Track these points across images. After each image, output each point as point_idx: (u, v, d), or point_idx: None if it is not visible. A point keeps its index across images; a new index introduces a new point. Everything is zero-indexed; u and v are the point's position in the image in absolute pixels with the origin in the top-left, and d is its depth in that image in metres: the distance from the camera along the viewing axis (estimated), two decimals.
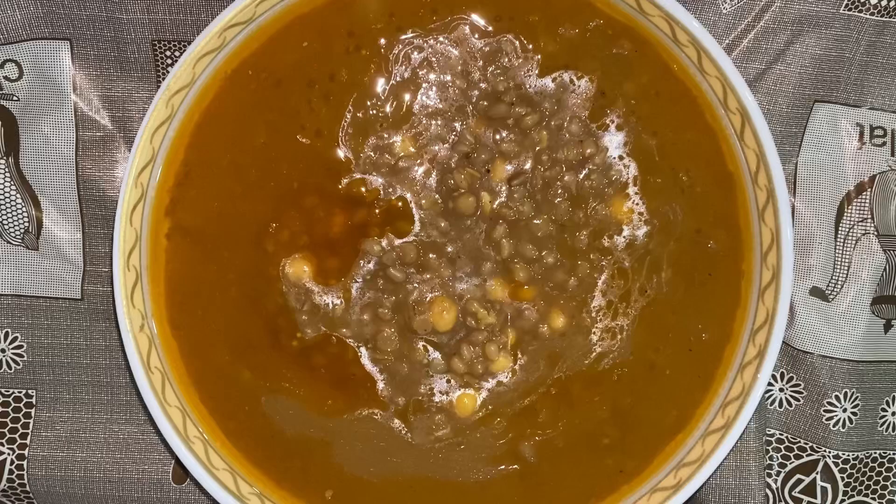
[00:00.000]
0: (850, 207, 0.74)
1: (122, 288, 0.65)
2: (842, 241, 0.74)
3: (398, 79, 0.65)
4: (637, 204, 0.67)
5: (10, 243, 0.75)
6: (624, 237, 0.67)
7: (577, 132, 0.66)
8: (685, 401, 0.68)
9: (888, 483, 0.75)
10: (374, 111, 0.66)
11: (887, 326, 0.74)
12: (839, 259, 0.74)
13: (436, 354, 0.66)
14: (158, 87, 0.69)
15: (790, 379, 0.76)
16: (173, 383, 0.68)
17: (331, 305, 0.66)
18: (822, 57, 0.74)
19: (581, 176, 0.66)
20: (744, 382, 0.66)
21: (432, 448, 0.66)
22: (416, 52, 0.64)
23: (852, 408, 0.75)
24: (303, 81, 0.66)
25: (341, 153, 0.66)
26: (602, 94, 0.66)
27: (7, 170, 0.74)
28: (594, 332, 0.67)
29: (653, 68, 0.66)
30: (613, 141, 0.66)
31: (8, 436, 0.75)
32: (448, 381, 0.67)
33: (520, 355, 0.67)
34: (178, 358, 0.68)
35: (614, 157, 0.67)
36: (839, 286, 0.74)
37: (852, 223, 0.74)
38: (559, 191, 0.66)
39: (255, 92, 0.66)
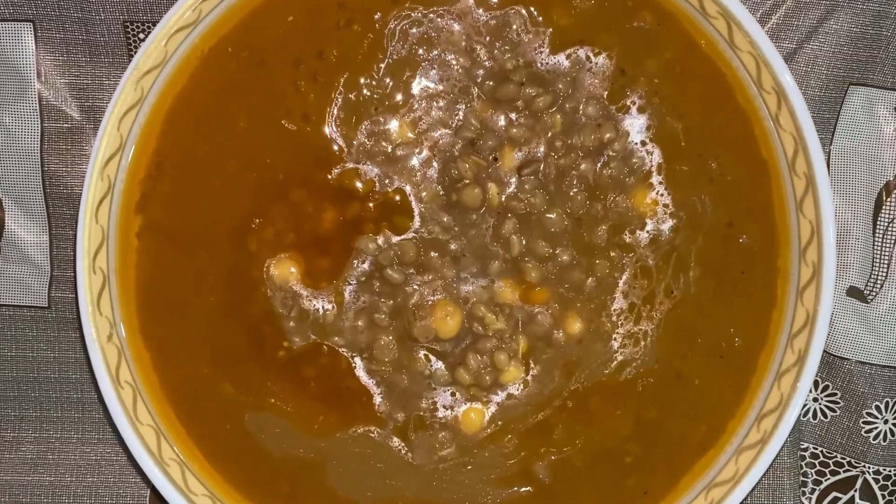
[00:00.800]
0: (889, 199, 0.72)
1: (87, 293, 0.62)
2: (881, 236, 0.72)
3: (394, 57, 0.62)
4: (661, 195, 0.63)
5: None
6: (647, 232, 0.64)
7: (595, 115, 0.62)
8: (716, 413, 0.64)
9: None
10: (368, 93, 0.63)
11: None
12: (878, 256, 0.72)
13: (439, 364, 0.63)
14: None
15: (825, 388, 0.74)
16: (146, 399, 0.64)
17: (321, 311, 0.63)
18: (858, 35, 0.71)
19: (599, 164, 0.63)
20: (781, 393, 0.63)
21: (436, 469, 0.64)
22: (414, 27, 0.62)
23: (894, 419, 0.73)
24: (288, 60, 0.63)
25: (331, 140, 0.63)
26: (622, 73, 0.63)
27: None
28: (615, 339, 0.64)
29: (678, 43, 0.63)
30: (635, 125, 0.63)
31: None
32: (453, 395, 0.64)
33: (532, 365, 0.64)
34: (151, 371, 0.65)
35: (636, 143, 0.63)
36: (878, 285, 0.72)
37: (892, 216, 0.72)
38: (575, 181, 0.63)
39: (235, 73, 0.63)
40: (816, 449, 0.74)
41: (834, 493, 0.73)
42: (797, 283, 0.63)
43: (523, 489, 0.64)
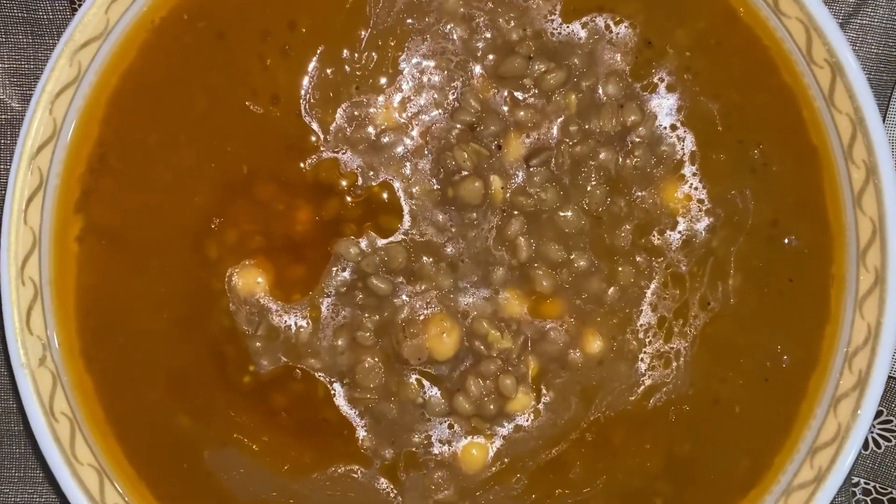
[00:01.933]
0: None
1: (13, 308, 0.59)
2: None
3: (379, 27, 0.60)
4: (695, 188, 0.61)
5: None
6: (679, 232, 0.61)
7: (616, 94, 0.60)
8: (761, 447, 0.62)
9: None
10: (348, 69, 0.60)
11: None
12: None
13: (434, 391, 0.61)
14: None
15: (879, 413, 0.73)
16: (87, 434, 0.61)
17: (294, 328, 0.61)
18: None
19: (621, 152, 0.60)
20: (839, 422, 0.60)
21: None
22: None
23: None
24: (253, 31, 0.60)
25: (305, 126, 0.60)
26: (648, 45, 0.60)
27: None
28: (642, 359, 0.62)
29: (712, 11, 0.60)
30: (663, 106, 0.60)
31: None
32: (450, 427, 0.61)
33: (544, 391, 0.62)
34: (94, 400, 0.62)
35: (664, 128, 0.61)
36: None
37: None
38: (593, 172, 0.60)
39: (190, 46, 0.61)
40: (869, 484, 0.73)
41: None
42: (855, 293, 0.60)
43: None
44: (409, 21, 0.60)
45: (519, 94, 0.60)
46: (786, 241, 0.61)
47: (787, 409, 0.61)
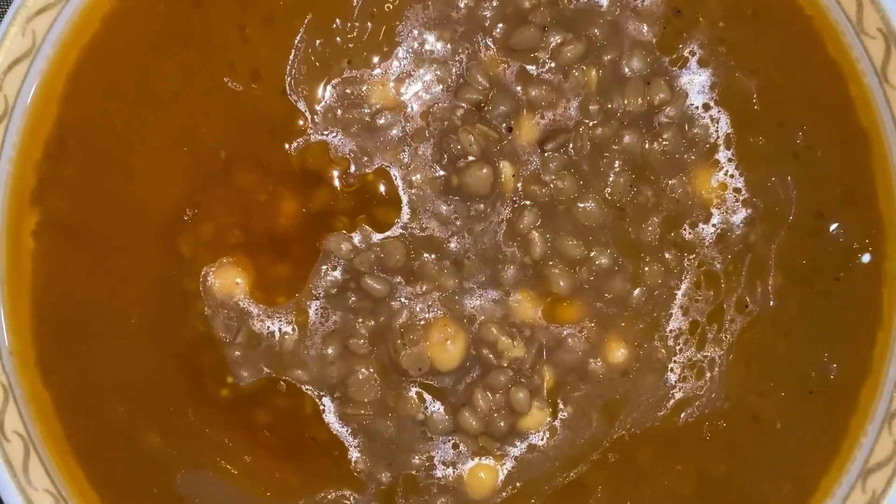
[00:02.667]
0: None
1: None
2: None
3: None
4: (731, 176, 0.59)
5: None
6: (713, 226, 0.59)
7: (642, 69, 0.57)
8: (805, 467, 0.60)
9: None
10: (339, 40, 0.58)
11: None
12: None
13: (436, 406, 0.60)
14: None
15: None
16: (43, 456, 0.59)
17: (277, 335, 0.59)
18: None
19: (648, 135, 0.58)
20: (895, 439, 0.58)
21: None
22: None
23: None
24: None
25: (290, 105, 0.58)
26: (677, 14, 0.58)
27: None
28: (671, 369, 0.60)
29: None
30: (694, 83, 0.58)
31: None
32: (455, 447, 0.60)
33: (561, 405, 0.60)
34: (53, 416, 0.59)
35: (696, 107, 0.58)
36: None
37: None
38: (616, 158, 0.58)
39: (162, 16, 0.59)
40: None
41: None
42: None
43: None
44: None
45: (532, 69, 0.57)
46: (832, 234, 0.59)
47: (834, 425, 0.60)
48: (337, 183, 0.58)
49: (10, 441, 0.57)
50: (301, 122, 0.57)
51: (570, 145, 0.57)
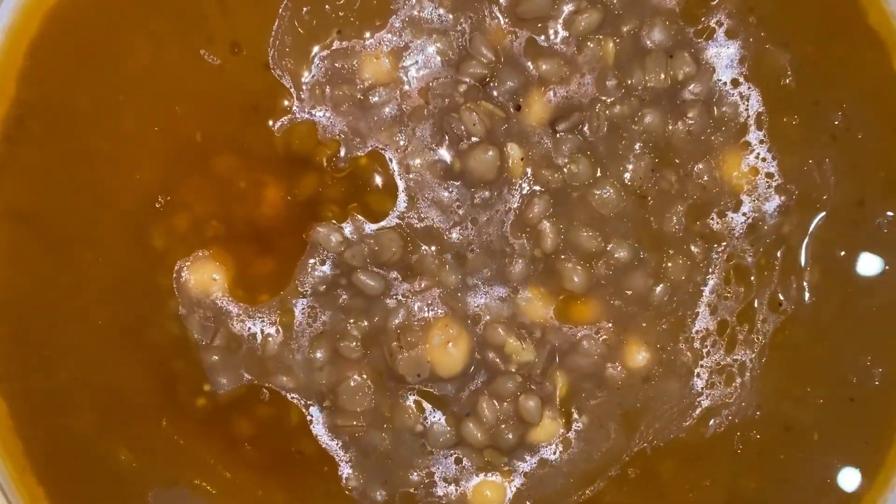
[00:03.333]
0: None
1: None
2: None
3: None
4: (763, 159, 0.56)
5: None
6: (743, 215, 0.57)
7: (665, 41, 0.55)
8: (845, 482, 0.58)
9: None
10: (328, 8, 0.55)
11: None
12: None
13: (437, 417, 0.57)
14: None
15: None
16: None
17: (260, 337, 0.56)
18: None
19: (671, 114, 0.56)
20: None
21: None
22: None
23: None
24: None
25: (274, 80, 0.55)
26: None
27: None
28: (698, 374, 0.58)
29: None
30: (722, 56, 0.55)
31: None
32: (458, 462, 0.58)
33: (576, 415, 0.58)
34: (8, 429, 0.57)
35: (724, 83, 0.56)
36: None
37: None
38: (636, 139, 0.55)
39: None
40: None
41: None
42: None
43: None
44: None
45: (542, 40, 0.55)
46: (875, 224, 0.56)
47: (878, 435, 0.57)
48: (326, 168, 0.55)
49: None
50: (286, 101, 0.55)
51: (585, 125, 0.54)
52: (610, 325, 0.56)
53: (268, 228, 0.56)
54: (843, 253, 0.56)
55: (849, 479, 0.57)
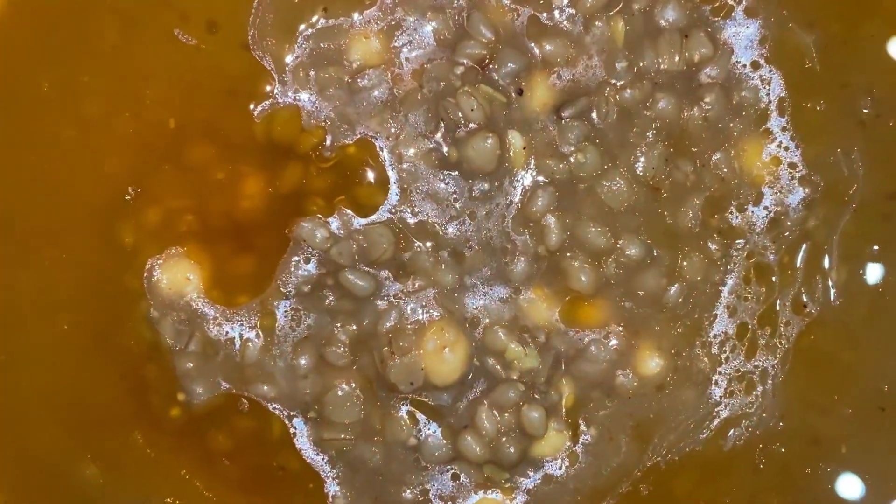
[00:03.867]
0: None
1: None
2: None
3: None
4: (786, 148, 0.54)
5: None
6: (765, 208, 0.54)
7: (679, 20, 0.53)
8: (877, 499, 0.56)
9: None
10: None
11: None
12: None
13: (432, 429, 0.55)
14: None
15: None
16: None
17: (238, 342, 0.55)
18: None
19: (687, 99, 0.53)
20: None
21: None
22: None
23: None
24: None
25: (254, 62, 0.54)
26: None
27: None
28: (716, 382, 0.56)
29: None
30: (741, 36, 0.54)
31: None
32: (455, 478, 0.56)
33: (584, 427, 0.56)
34: None
35: (744, 65, 0.54)
36: None
37: None
38: (649, 127, 0.53)
39: None
40: None
41: None
42: None
43: None
44: None
45: (546, 19, 0.52)
46: None
47: None
48: (311, 157, 0.52)
49: None
50: (267, 84, 0.53)
51: (593, 111, 0.52)
52: (620, 328, 0.54)
53: (247, 223, 0.54)
54: (873, 249, 0.54)
55: (880, 496, 0.54)
